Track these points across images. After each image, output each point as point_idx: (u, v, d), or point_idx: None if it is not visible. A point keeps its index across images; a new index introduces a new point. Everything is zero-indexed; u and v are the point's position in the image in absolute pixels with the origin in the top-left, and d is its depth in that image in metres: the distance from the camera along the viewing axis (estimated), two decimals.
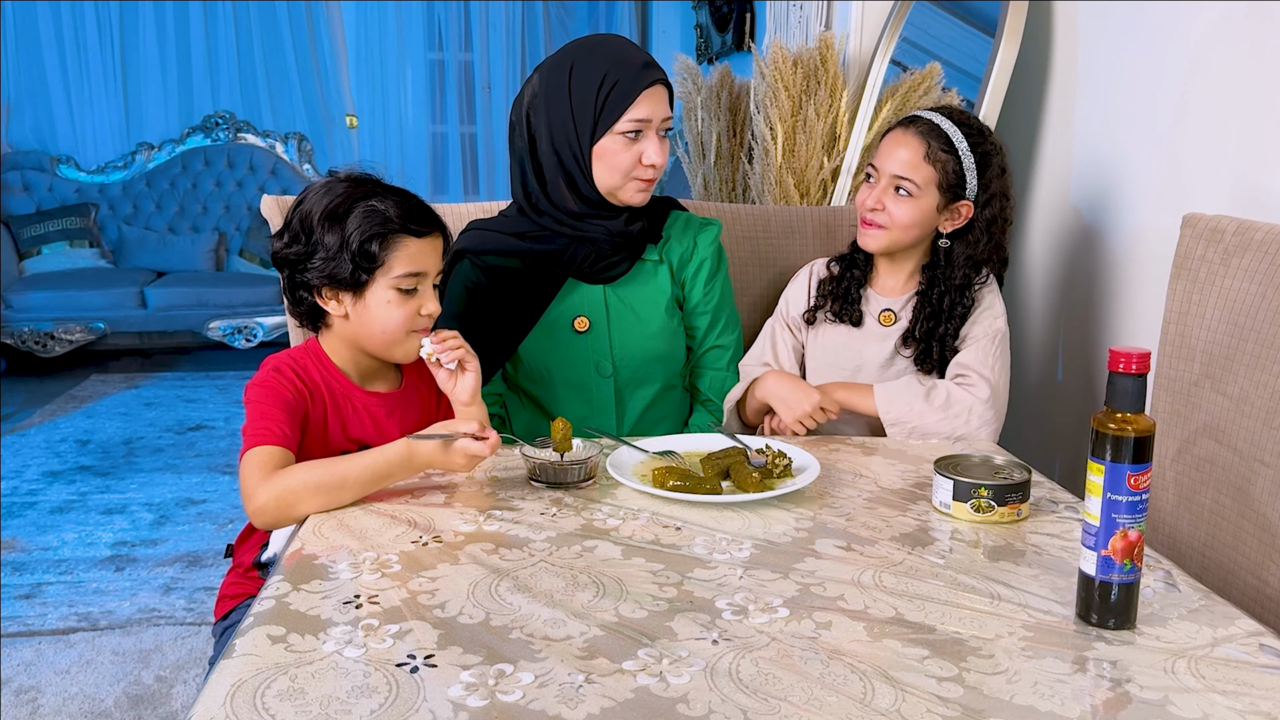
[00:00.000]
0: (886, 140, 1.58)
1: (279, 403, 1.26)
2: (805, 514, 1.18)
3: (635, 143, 1.47)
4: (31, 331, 4.61)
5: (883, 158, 1.57)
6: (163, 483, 3.35)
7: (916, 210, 1.54)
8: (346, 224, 1.27)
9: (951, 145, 1.53)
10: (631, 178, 1.49)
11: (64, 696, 2.08)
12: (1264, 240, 1.27)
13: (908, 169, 1.53)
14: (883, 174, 1.56)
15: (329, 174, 1.36)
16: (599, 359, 1.56)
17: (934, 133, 1.54)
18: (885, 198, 1.55)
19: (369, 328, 1.31)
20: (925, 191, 1.54)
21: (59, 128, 5.34)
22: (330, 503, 1.17)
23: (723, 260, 1.65)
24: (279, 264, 1.33)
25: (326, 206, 1.28)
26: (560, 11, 5.89)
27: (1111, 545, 0.89)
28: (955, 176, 1.54)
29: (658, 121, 1.48)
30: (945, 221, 1.57)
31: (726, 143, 2.65)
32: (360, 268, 1.27)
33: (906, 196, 1.54)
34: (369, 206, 1.27)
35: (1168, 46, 1.64)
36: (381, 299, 1.29)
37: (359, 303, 1.30)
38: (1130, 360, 0.88)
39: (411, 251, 1.29)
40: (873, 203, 1.56)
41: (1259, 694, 0.81)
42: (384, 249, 1.27)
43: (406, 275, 1.29)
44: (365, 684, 0.80)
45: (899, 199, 1.54)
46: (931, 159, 1.53)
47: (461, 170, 5.93)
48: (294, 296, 1.33)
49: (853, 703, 0.78)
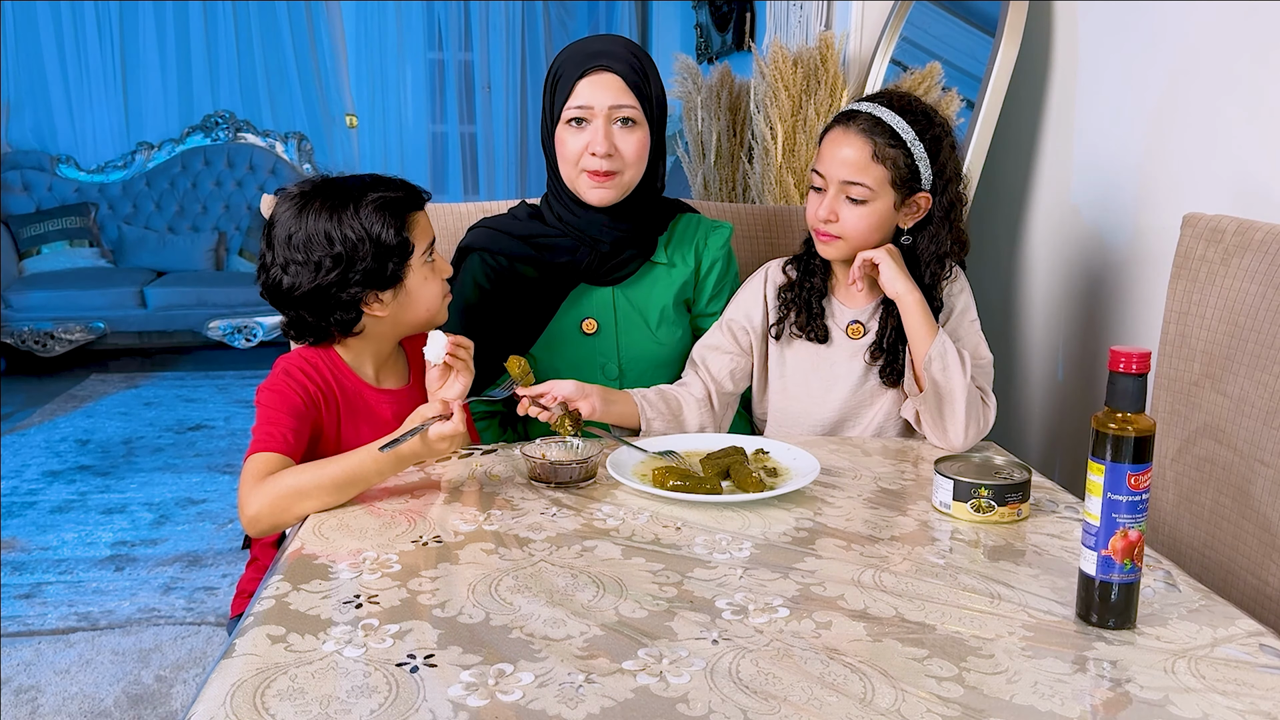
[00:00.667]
0: (827, 142, 1.45)
1: (287, 407, 1.26)
2: (805, 514, 1.18)
3: (580, 131, 1.46)
4: (31, 331, 4.61)
5: (826, 162, 1.43)
6: (162, 482, 3.35)
7: (872, 215, 1.42)
8: (369, 226, 1.27)
9: (898, 138, 1.40)
10: (580, 169, 1.47)
11: (64, 696, 2.08)
12: (1264, 240, 1.27)
13: (855, 172, 1.40)
14: (830, 180, 1.42)
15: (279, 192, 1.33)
16: (605, 361, 1.56)
17: (878, 128, 1.40)
18: (837, 206, 1.42)
19: (413, 311, 1.33)
20: (879, 193, 1.41)
21: (59, 127, 5.34)
22: (324, 505, 1.17)
23: (732, 263, 1.64)
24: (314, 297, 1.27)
25: (331, 218, 1.26)
26: (560, 11, 5.89)
27: (1111, 545, 0.89)
28: (908, 170, 1.41)
29: (603, 109, 1.44)
30: (904, 218, 1.45)
31: (726, 142, 2.65)
32: (400, 259, 1.29)
33: (859, 203, 1.41)
34: (375, 199, 1.28)
35: (1168, 46, 1.64)
36: (419, 279, 1.32)
37: (401, 292, 1.31)
38: (1130, 360, 0.88)
39: (422, 223, 1.33)
40: (825, 213, 1.43)
41: (1259, 694, 0.81)
42: (408, 230, 1.30)
43: (428, 247, 1.33)
44: (365, 684, 0.80)
45: (851, 206, 1.42)
46: (880, 157, 1.40)
47: (461, 170, 5.93)
48: (325, 323, 1.29)
49: (853, 703, 0.78)
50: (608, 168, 1.46)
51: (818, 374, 1.53)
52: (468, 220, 1.72)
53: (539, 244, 1.54)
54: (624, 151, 1.46)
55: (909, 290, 1.42)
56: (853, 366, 1.52)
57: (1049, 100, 2.01)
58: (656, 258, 1.57)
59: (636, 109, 1.46)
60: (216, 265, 5.14)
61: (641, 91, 1.47)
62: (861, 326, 1.52)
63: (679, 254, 1.59)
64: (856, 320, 1.53)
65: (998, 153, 2.10)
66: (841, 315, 1.54)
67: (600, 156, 1.45)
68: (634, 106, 1.46)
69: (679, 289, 1.58)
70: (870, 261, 1.44)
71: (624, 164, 1.47)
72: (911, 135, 1.41)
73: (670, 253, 1.58)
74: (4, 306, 4.61)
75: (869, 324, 1.52)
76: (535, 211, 1.59)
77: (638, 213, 1.54)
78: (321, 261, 1.26)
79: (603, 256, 1.53)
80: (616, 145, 1.46)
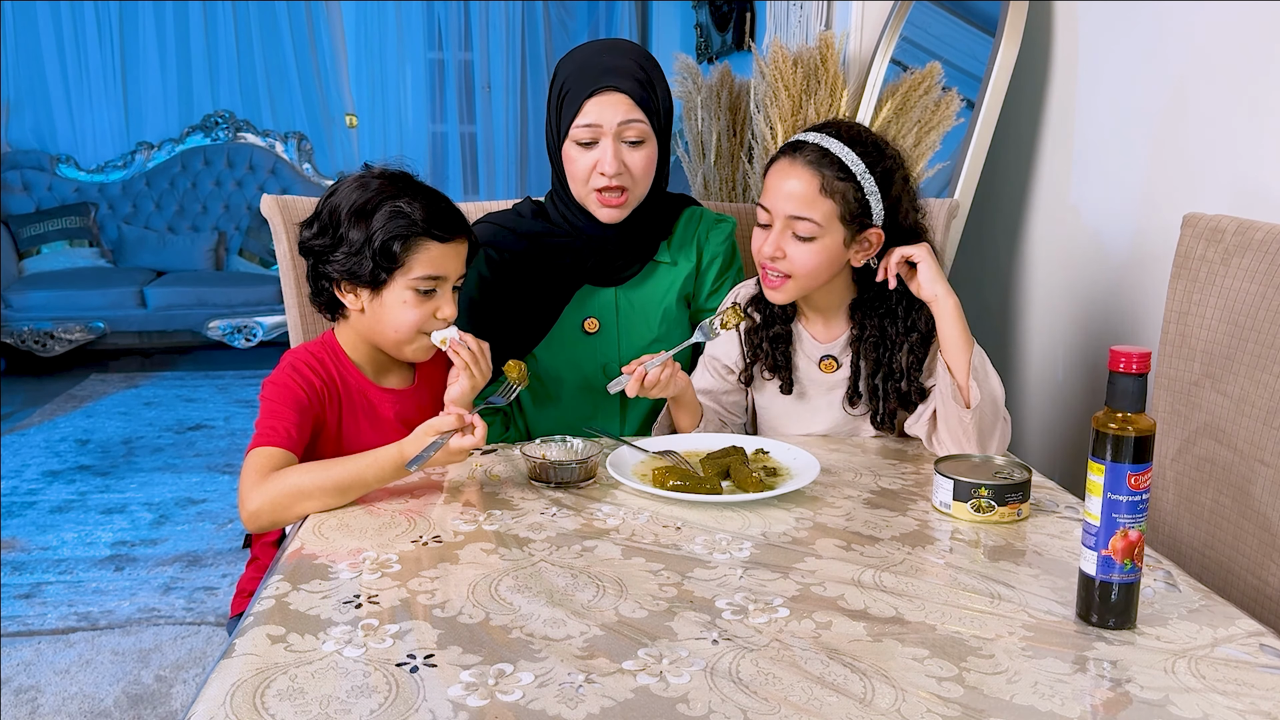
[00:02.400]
0: (772, 175, 1.37)
1: (292, 403, 1.27)
2: (805, 514, 1.18)
3: (590, 150, 1.45)
4: (31, 331, 4.60)
5: (772, 196, 1.36)
6: (162, 482, 3.35)
7: (821, 251, 1.35)
8: (372, 222, 1.28)
9: (847, 170, 1.33)
10: (591, 188, 1.46)
11: (64, 696, 2.08)
12: (1264, 240, 1.27)
13: (802, 207, 1.33)
14: (776, 215, 1.35)
15: (364, 167, 1.37)
16: (606, 361, 1.56)
17: (825, 159, 1.33)
18: (784, 242, 1.35)
19: (383, 324, 1.32)
20: (827, 229, 1.34)
21: (59, 127, 5.34)
22: (324, 506, 1.17)
23: (736, 258, 1.64)
24: (304, 253, 1.34)
25: (355, 202, 1.29)
26: (560, 11, 5.89)
27: (1112, 545, 0.89)
28: (858, 205, 1.34)
29: (612, 128, 1.43)
30: (856, 254, 1.38)
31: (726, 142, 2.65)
32: (380, 266, 1.28)
33: (806, 240, 1.34)
34: (395, 206, 1.28)
35: (1168, 46, 1.64)
36: (398, 298, 1.30)
37: (376, 300, 1.31)
38: (1130, 360, 0.88)
39: (433, 255, 1.30)
40: (770, 250, 1.36)
41: (1259, 694, 0.81)
42: (405, 250, 1.28)
43: (425, 278, 1.30)
44: (365, 684, 0.80)
45: (798, 243, 1.35)
46: (828, 190, 1.32)
47: (461, 170, 5.94)
48: (315, 286, 1.35)
49: (853, 703, 0.78)
50: (618, 184, 1.45)
51: (796, 418, 1.51)
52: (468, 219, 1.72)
53: (544, 244, 1.54)
54: (633, 169, 1.46)
55: (948, 294, 1.34)
56: (832, 400, 1.48)
57: (1049, 100, 2.01)
58: (659, 256, 1.57)
59: (645, 125, 1.45)
60: (216, 265, 5.15)
61: (649, 106, 1.46)
62: (835, 361, 1.46)
63: (681, 251, 1.59)
64: (828, 355, 1.47)
65: (998, 153, 2.10)
66: (813, 349, 1.48)
67: (610, 175, 1.44)
68: (642, 122, 1.45)
69: (681, 286, 1.58)
70: (906, 259, 1.36)
71: (633, 181, 1.47)
72: (862, 168, 1.33)
73: (673, 250, 1.58)
74: (4, 306, 4.61)
75: (841, 357, 1.46)
76: (540, 209, 1.59)
77: (643, 219, 1.54)
78: (325, 226, 1.31)
79: (607, 258, 1.53)
80: (625, 163, 1.45)
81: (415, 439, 1.18)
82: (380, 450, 1.20)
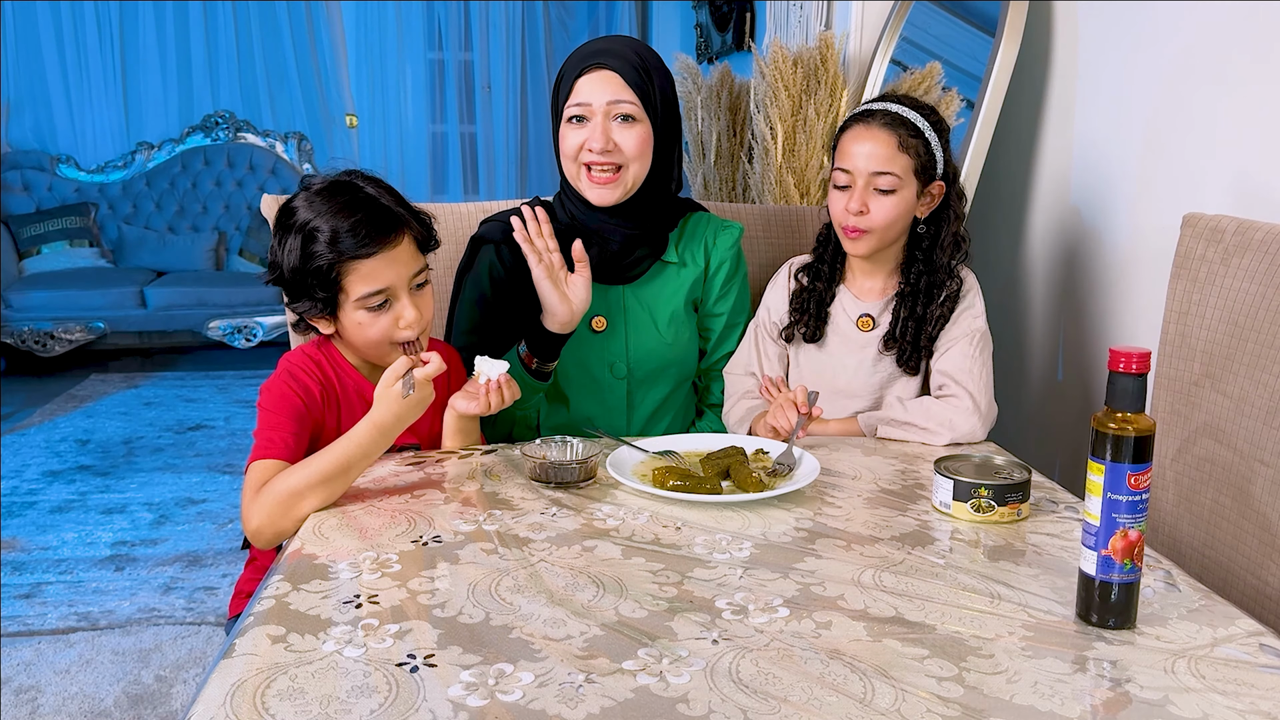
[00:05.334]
0: (848, 140, 1.52)
1: (289, 412, 1.27)
2: (805, 514, 1.18)
3: (580, 128, 1.47)
4: (31, 331, 4.60)
5: (852, 158, 1.50)
6: (162, 482, 3.35)
7: (901, 204, 1.50)
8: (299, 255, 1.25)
9: (917, 129, 1.49)
10: (580, 164, 1.48)
11: (64, 696, 2.08)
12: (1264, 240, 1.27)
13: (883, 163, 1.48)
14: (858, 175, 1.49)
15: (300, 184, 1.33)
16: (613, 360, 1.56)
17: (897, 121, 1.49)
18: (867, 198, 1.49)
19: (356, 342, 1.32)
20: (905, 182, 1.49)
21: (59, 127, 5.34)
22: (322, 500, 1.18)
23: (741, 264, 1.64)
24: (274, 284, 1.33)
25: (280, 238, 1.28)
26: (560, 11, 5.89)
27: (1111, 545, 0.89)
28: (928, 159, 1.50)
29: (601, 105, 1.45)
30: (921, 207, 1.54)
31: (726, 142, 2.65)
32: (318, 299, 1.26)
33: (888, 194, 1.48)
34: (309, 233, 1.25)
35: (1167, 46, 1.64)
36: (353, 320, 1.29)
37: (337, 323, 1.31)
38: (1130, 360, 0.88)
39: (365, 272, 1.26)
40: (857, 206, 1.49)
41: (1259, 694, 0.81)
42: (337, 277, 1.25)
43: (368, 295, 1.26)
44: (365, 684, 0.80)
45: (880, 197, 1.49)
46: (904, 147, 1.48)
47: (461, 170, 5.93)
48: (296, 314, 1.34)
49: (853, 703, 0.78)
50: (607, 162, 1.46)
51: (829, 372, 1.58)
52: (468, 220, 1.72)
53: None
54: (624, 147, 1.46)
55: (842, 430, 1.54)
56: (862, 358, 1.57)
57: (1049, 100, 2.01)
58: (668, 256, 1.57)
59: (636, 105, 1.45)
60: (216, 265, 5.15)
61: (643, 90, 1.46)
62: (872, 320, 1.57)
63: (689, 253, 1.59)
64: (867, 313, 1.58)
65: (998, 153, 2.10)
66: (853, 307, 1.59)
67: (598, 152, 1.45)
68: (633, 103, 1.45)
69: (689, 289, 1.58)
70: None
71: (625, 159, 1.47)
72: (927, 126, 1.50)
73: (681, 251, 1.58)
74: (4, 306, 4.61)
75: (880, 317, 1.57)
76: (548, 209, 1.59)
77: (647, 212, 1.54)
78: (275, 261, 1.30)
79: (614, 255, 1.53)
80: (616, 141, 1.45)
81: (380, 403, 1.20)
82: (354, 429, 1.20)
